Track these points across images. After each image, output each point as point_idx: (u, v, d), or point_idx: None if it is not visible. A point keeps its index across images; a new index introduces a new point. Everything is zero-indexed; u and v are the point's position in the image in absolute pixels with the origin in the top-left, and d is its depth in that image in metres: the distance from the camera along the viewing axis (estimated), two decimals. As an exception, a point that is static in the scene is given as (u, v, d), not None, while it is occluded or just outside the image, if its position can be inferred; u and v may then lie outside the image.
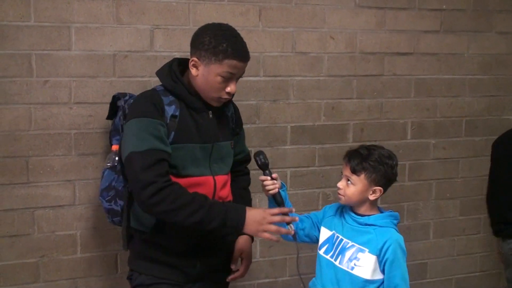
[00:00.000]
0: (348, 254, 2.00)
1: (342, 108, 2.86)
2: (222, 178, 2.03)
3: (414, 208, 3.10)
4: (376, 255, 1.96)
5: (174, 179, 1.88)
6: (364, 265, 1.96)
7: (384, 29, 2.88)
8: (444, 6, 2.97)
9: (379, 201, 2.10)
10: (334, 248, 2.04)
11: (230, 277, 2.15)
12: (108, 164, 2.17)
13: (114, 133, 2.23)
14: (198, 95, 1.95)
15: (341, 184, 2.02)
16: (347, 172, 2.00)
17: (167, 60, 2.12)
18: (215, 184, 1.99)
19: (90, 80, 2.41)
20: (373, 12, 2.85)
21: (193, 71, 1.91)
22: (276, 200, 1.97)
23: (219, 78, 1.87)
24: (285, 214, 1.92)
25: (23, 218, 2.40)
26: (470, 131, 3.13)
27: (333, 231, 2.08)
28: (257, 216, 1.86)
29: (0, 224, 2.37)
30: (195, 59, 1.90)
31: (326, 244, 2.09)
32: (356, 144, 2.79)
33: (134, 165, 1.80)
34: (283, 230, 1.91)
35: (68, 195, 2.45)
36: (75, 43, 2.37)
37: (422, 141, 3.06)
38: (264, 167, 1.95)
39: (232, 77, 1.89)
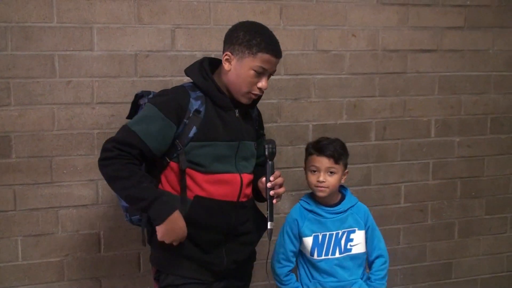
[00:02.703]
0: (343, 241, 2.23)
1: (364, 106, 2.83)
2: (248, 177, 2.05)
3: (438, 207, 3.05)
4: (364, 230, 2.27)
5: (201, 175, 1.93)
6: (359, 241, 2.25)
7: (407, 26, 2.85)
8: (468, 2, 2.92)
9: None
10: (325, 246, 2.22)
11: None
12: None
13: None
14: (226, 93, 1.99)
15: (323, 177, 2.17)
16: (328, 163, 2.16)
17: (188, 59, 2.13)
18: (241, 182, 2.00)
19: (112, 80, 2.43)
20: (396, 9, 2.82)
21: (226, 65, 1.95)
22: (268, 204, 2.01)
23: (251, 72, 1.91)
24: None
25: (47, 217, 2.43)
26: (495, 128, 3.08)
27: (313, 234, 2.22)
28: (177, 228, 1.88)
29: (25, 224, 2.41)
30: (228, 53, 1.94)
31: (315, 248, 2.23)
32: (379, 143, 2.81)
33: (117, 133, 1.91)
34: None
35: (91, 195, 2.47)
36: (97, 44, 2.39)
37: (446, 139, 3.01)
38: (272, 157, 2.00)
39: (264, 72, 1.94)
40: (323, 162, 2.16)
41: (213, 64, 2.03)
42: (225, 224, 1.98)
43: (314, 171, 2.19)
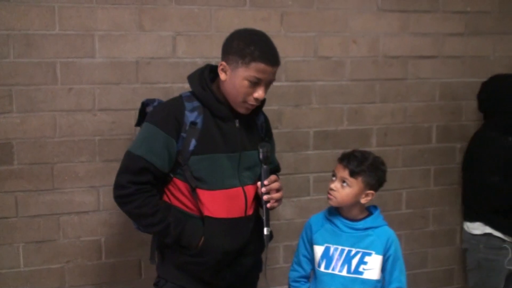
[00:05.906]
0: (354, 261, 2.07)
1: (365, 113, 2.84)
2: (252, 189, 2.01)
3: (439, 213, 3.05)
4: (382, 255, 2.07)
5: (205, 193, 1.90)
6: (373, 267, 2.06)
7: (408, 32, 2.85)
8: (468, 8, 2.93)
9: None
10: (335, 260, 2.09)
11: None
12: None
13: None
14: (226, 103, 1.94)
15: (334, 185, 2.06)
16: (344, 174, 2.04)
17: (189, 66, 2.13)
18: (245, 196, 1.97)
19: (113, 87, 2.44)
20: (396, 16, 2.83)
21: (222, 75, 1.91)
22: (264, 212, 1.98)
23: (245, 83, 1.86)
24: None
25: (48, 224, 2.43)
26: (496, 134, 3.07)
27: (325, 244, 2.12)
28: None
29: (27, 230, 2.41)
30: (223, 63, 1.90)
31: (323, 259, 2.12)
32: (380, 149, 2.80)
33: (123, 162, 1.93)
34: None
35: (93, 201, 2.47)
36: (98, 51, 2.40)
37: (447, 145, 3.01)
38: (266, 161, 1.98)
39: (259, 82, 1.87)
40: (340, 170, 2.05)
41: (216, 71, 1.98)
42: (239, 242, 1.96)
43: (333, 177, 2.09)
